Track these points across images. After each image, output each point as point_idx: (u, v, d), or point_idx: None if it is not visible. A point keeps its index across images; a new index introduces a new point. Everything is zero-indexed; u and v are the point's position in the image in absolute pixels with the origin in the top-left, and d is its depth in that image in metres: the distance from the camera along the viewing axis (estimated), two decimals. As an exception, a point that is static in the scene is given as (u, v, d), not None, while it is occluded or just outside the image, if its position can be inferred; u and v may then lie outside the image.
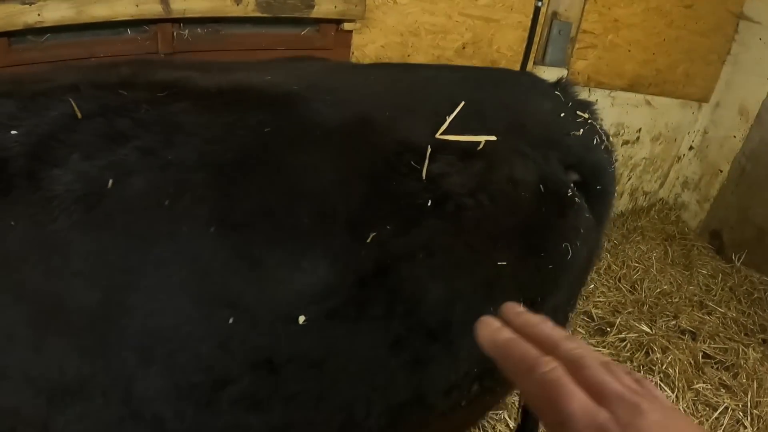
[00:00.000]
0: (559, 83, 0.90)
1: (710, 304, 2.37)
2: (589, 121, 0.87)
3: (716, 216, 3.06)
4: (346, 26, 1.80)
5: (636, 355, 1.94)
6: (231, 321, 0.59)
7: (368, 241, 0.62)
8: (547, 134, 0.83)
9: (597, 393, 0.31)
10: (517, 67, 2.39)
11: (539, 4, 2.12)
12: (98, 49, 1.33)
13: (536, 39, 2.27)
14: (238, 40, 1.59)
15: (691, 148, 3.22)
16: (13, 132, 0.59)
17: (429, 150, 0.70)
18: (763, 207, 2.77)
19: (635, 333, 2.00)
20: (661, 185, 3.33)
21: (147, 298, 0.57)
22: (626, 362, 1.92)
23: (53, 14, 1.20)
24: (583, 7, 2.36)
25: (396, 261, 0.64)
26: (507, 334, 0.36)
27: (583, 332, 2.02)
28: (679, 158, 3.25)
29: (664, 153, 3.15)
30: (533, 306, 0.77)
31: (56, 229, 0.57)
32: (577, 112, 0.87)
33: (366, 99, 0.74)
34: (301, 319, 0.60)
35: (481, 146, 0.76)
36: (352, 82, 0.78)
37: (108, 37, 1.35)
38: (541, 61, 2.36)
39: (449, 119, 0.76)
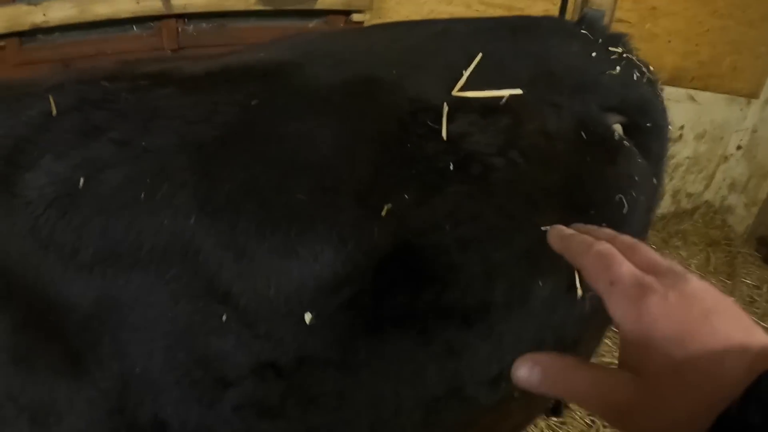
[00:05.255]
0: (584, 19, 0.79)
1: (753, 317, 2.15)
2: (625, 55, 0.75)
3: (764, 221, 2.82)
4: (355, 17, 1.73)
5: None
6: (224, 318, 0.51)
7: (383, 214, 0.53)
8: (579, 78, 0.71)
9: (647, 268, 0.34)
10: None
11: None
12: (105, 47, 1.35)
13: None
14: (244, 34, 1.56)
15: (738, 147, 2.97)
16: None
17: (446, 107, 0.61)
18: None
19: None
20: (706, 187, 3.09)
21: (138, 295, 0.53)
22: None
23: (58, 14, 1.23)
24: None
25: (419, 236, 0.54)
26: (572, 231, 0.42)
27: (609, 343, 1.86)
28: (726, 158, 3.00)
29: (709, 152, 2.92)
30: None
31: (37, 236, 0.52)
32: (610, 48, 0.75)
33: (368, 58, 0.65)
34: (308, 317, 0.52)
35: (504, 100, 0.65)
36: (351, 43, 0.69)
37: (114, 34, 1.37)
38: (571, 54, 2.23)
39: (466, 74, 0.66)
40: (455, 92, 0.64)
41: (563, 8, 1.81)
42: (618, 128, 0.76)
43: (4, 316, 0.51)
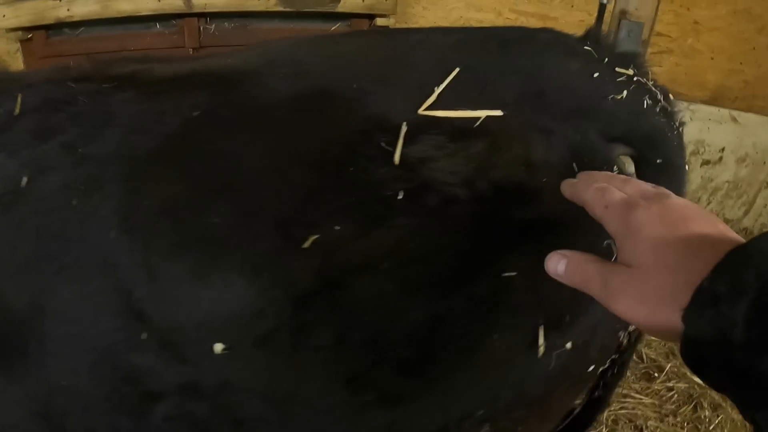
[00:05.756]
0: (589, 34, 0.69)
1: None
2: (635, 78, 0.64)
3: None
4: (380, 21, 1.69)
5: (682, 409, 1.64)
6: (144, 337, 0.49)
7: (306, 246, 0.47)
8: (576, 101, 0.62)
9: (637, 194, 0.41)
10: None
11: (605, 1, 1.79)
12: (128, 43, 1.40)
13: None
14: (265, 35, 1.56)
15: (782, 172, 2.75)
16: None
17: (405, 127, 0.54)
18: None
19: (685, 383, 1.70)
20: (746, 213, 2.89)
21: (65, 306, 0.52)
22: (669, 416, 1.63)
23: (81, 9, 1.28)
24: (657, 6, 2.08)
25: (349, 273, 0.48)
26: (576, 180, 0.49)
27: (628, 373, 1.73)
28: (768, 184, 2.80)
29: (750, 177, 2.75)
30: (558, 328, 0.56)
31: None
32: (617, 69, 0.64)
33: (332, 70, 0.60)
34: (218, 347, 0.48)
35: (479, 123, 0.58)
36: (320, 52, 0.64)
37: (138, 31, 1.41)
38: (607, 68, 2.10)
39: (438, 90, 0.59)
40: (422, 110, 0.57)
41: (599, 19, 1.69)
42: (626, 162, 0.66)
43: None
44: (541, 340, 0.54)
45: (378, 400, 0.52)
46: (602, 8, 1.83)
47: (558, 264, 0.43)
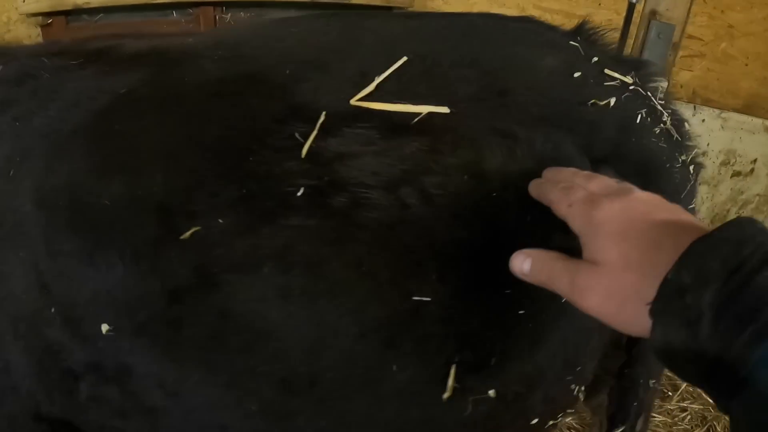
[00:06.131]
0: (581, 27, 0.57)
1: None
2: (632, 87, 0.52)
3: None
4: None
5: (694, 431, 1.58)
6: (53, 311, 0.49)
7: (184, 237, 0.44)
8: (547, 104, 0.52)
9: (602, 190, 0.41)
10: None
11: (634, 0, 1.65)
12: (145, 30, 1.44)
13: (629, 42, 1.81)
14: None
15: (817, 186, 2.41)
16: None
17: (323, 117, 0.49)
18: None
19: (700, 404, 1.65)
20: None
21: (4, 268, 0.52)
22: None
23: None
24: (690, 8, 1.85)
25: (228, 271, 0.44)
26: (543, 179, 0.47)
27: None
28: (803, 198, 2.48)
29: None
30: (478, 372, 0.47)
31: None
32: (606, 71, 0.52)
33: (269, 54, 0.56)
34: (104, 327, 0.47)
35: (417, 119, 0.50)
36: (266, 34, 0.60)
37: (155, 18, 1.44)
38: (635, 68, 1.94)
39: (378, 80, 0.52)
40: (354, 101, 0.51)
41: (628, 19, 1.52)
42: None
43: None
44: (450, 381, 0.46)
45: (262, 411, 0.48)
46: (631, 8, 1.67)
47: (523, 263, 0.42)
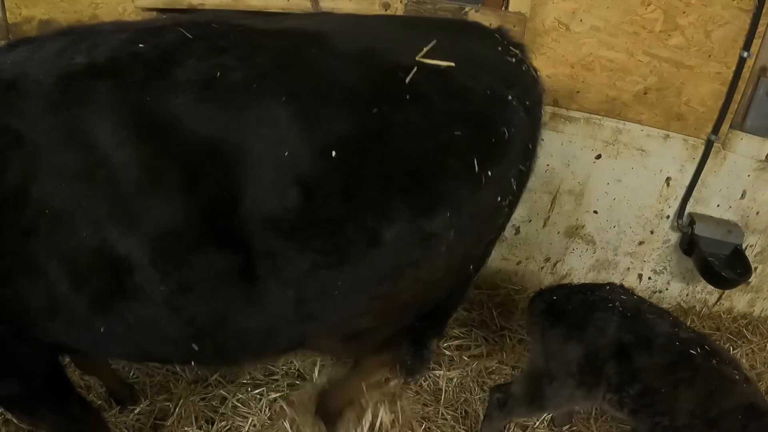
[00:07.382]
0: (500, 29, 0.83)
1: None
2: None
3: None
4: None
5: None
6: None
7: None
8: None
9: None
10: (708, 128, 1.94)
11: (745, 54, 1.68)
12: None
13: (736, 97, 1.82)
14: None
15: None
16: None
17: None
18: None
19: None
20: None
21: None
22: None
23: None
24: None
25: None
26: None
27: None
28: None
29: None
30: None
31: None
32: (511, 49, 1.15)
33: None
34: None
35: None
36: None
37: None
38: (739, 125, 1.93)
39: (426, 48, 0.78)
40: (419, 57, 0.64)
41: (737, 73, 1.49)
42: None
43: None
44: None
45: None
46: (741, 62, 1.67)
47: None
